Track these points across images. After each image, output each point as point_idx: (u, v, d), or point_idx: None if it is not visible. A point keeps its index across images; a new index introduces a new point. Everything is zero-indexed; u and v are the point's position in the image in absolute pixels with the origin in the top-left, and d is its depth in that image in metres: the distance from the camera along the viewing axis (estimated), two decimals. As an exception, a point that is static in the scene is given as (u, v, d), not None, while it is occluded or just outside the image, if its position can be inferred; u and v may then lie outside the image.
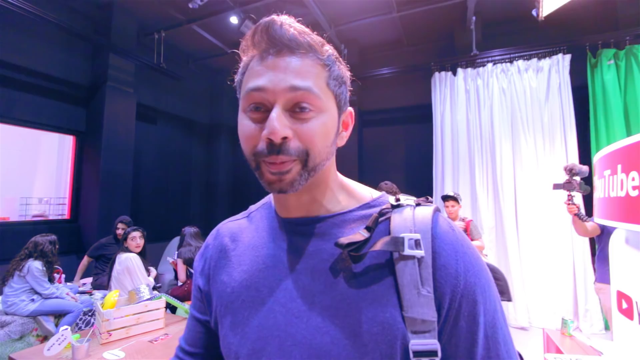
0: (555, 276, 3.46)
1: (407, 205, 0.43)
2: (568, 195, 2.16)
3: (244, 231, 0.51)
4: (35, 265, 2.52)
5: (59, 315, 2.63)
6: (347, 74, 0.45)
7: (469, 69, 4.09)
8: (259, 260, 0.46)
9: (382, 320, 0.37)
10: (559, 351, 1.52)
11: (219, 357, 0.50)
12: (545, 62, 3.73)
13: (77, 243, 4.10)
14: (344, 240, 0.40)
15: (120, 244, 3.36)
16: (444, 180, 4.13)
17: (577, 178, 2.13)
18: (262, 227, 0.49)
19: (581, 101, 3.61)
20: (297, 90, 0.38)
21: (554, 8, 3.00)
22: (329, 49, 0.43)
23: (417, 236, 0.39)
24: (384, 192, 0.48)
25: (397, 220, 0.41)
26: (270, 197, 0.52)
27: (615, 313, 1.09)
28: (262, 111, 0.39)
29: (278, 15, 0.41)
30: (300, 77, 0.38)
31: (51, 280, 2.64)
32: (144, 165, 5.02)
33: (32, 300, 2.51)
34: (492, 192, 3.88)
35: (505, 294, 0.53)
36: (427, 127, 4.43)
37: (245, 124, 0.41)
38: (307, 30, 0.42)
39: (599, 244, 2.31)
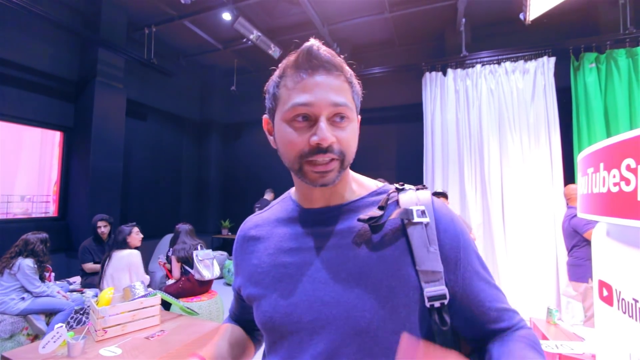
0: (540, 270, 3.60)
1: (409, 189, 0.55)
2: None
3: (267, 223, 0.60)
4: (27, 263, 2.46)
5: (49, 314, 2.58)
6: (359, 89, 0.54)
7: (459, 70, 4.19)
8: (284, 244, 0.55)
9: (399, 276, 0.47)
10: (544, 338, 1.61)
11: (249, 322, 0.64)
12: (531, 65, 3.86)
13: (66, 241, 4.01)
14: (364, 216, 0.49)
15: (106, 244, 3.30)
16: (434, 177, 4.23)
17: None
18: (282, 218, 0.58)
19: (564, 102, 3.76)
20: (338, 106, 0.47)
21: (541, 12, 3.11)
22: (347, 67, 0.52)
23: (422, 207, 0.50)
24: (386, 183, 0.59)
25: (404, 198, 0.52)
26: (289, 193, 0.61)
27: (597, 301, 1.17)
28: (307, 121, 0.47)
29: (314, 39, 0.49)
30: (339, 94, 0.47)
31: (42, 278, 2.59)
32: (134, 162, 4.94)
33: (23, 298, 2.46)
34: (480, 189, 4.00)
35: None
36: (417, 126, 4.52)
37: (289, 132, 0.48)
38: (333, 52, 0.50)
39: (587, 244, 2.44)
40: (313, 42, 0.48)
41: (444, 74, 4.28)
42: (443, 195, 3.30)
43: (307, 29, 4.40)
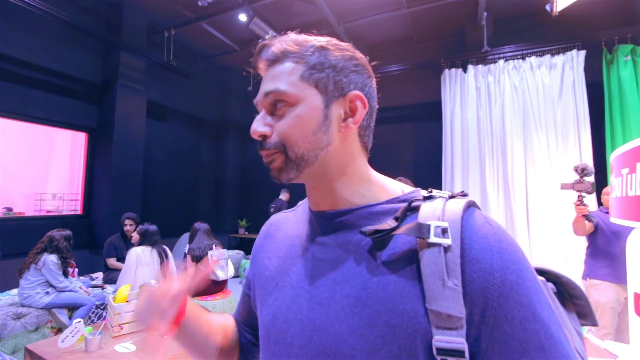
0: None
1: (440, 197, 0.42)
2: (579, 196, 2.12)
3: (288, 222, 0.55)
4: (51, 259, 2.58)
5: (72, 308, 2.69)
6: (336, 57, 0.44)
7: (480, 66, 4.03)
8: (292, 249, 0.50)
9: (402, 311, 0.36)
10: (571, 353, 1.48)
11: (249, 330, 0.59)
12: (559, 59, 3.65)
13: (90, 238, 4.18)
14: (370, 228, 0.40)
15: (128, 241, 3.41)
16: (453, 178, 4.09)
17: (588, 178, 2.07)
18: (301, 220, 0.53)
19: (596, 98, 3.53)
20: (267, 94, 0.43)
21: (569, 3, 2.92)
22: (313, 42, 0.44)
23: (445, 224, 0.37)
24: (418, 188, 0.47)
25: (426, 209, 0.40)
26: None
27: (632, 315, 1.06)
28: None
29: (275, 37, 0.47)
30: (271, 82, 0.43)
31: (66, 274, 2.71)
32: (154, 162, 5.09)
33: (47, 293, 2.57)
34: (503, 192, 3.83)
35: (589, 317, 0.45)
36: (436, 125, 4.39)
37: None
38: (293, 37, 0.45)
39: (592, 240, 2.36)
40: (263, 42, 0.46)
41: (464, 70, 4.13)
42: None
43: (322, 28, 4.37)
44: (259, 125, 0.44)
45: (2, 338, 2.28)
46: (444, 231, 0.36)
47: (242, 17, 4.10)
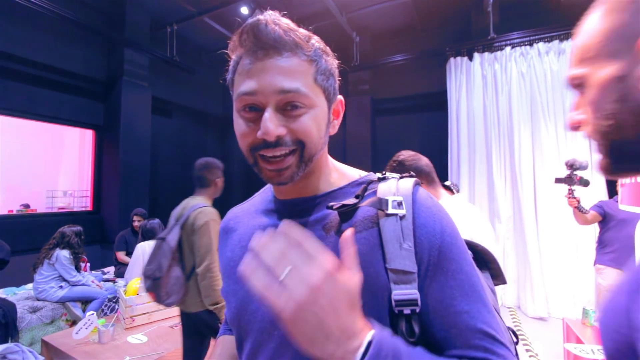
0: (576, 266, 3.37)
1: (392, 177, 0.49)
2: (569, 189, 2.22)
3: (246, 214, 0.57)
4: (63, 254, 2.64)
5: (85, 302, 2.76)
6: (334, 65, 0.47)
7: (486, 54, 3.95)
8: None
9: (367, 274, 0.40)
10: (579, 341, 1.48)
11: None
12: (568, 44, 3.56)
13: (100, 233, 4.26)
14: (335, 203, 0.44)
15: (138, 236, 3.47)
16: (459, 169, 4.05)
17: (578, 173, 2.12)
18: (260, 210, 0.55)
19: (607, 84, 3.44)
20: (286, 93, 0.41)
21: (579, -15, 2.83)
22: (315, 42, 0.45)
23: (400, 198, 0.44)
24: (371, 172, 0.53)
25: (383, 187, 0.47)
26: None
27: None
28: (255, 111, 0.42)
29: (263, 14, 0.43)
30: (289, 79, 0.41)
31: (78, 268, 2.77)
32: (161, 158, 5.13)
33: (61, 287, 2.65)
34: (510, 181, 3.78)
35: (500, 277, 0.56)
36: (442, 114, 4.33)
37: (240, 124, 0.44)
38: (293, 26, 0.43)
39: (601, 228, 2.45)
40: (261, 18, 0.41)
41: (470, 58, 4.05)
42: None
43: (325, 19, 4.31)
44: (275, 127, 0.40)
45: (20, 330, 2.36)
46: (400, 204, 0.43)
47: (244, 10, 4.07)
